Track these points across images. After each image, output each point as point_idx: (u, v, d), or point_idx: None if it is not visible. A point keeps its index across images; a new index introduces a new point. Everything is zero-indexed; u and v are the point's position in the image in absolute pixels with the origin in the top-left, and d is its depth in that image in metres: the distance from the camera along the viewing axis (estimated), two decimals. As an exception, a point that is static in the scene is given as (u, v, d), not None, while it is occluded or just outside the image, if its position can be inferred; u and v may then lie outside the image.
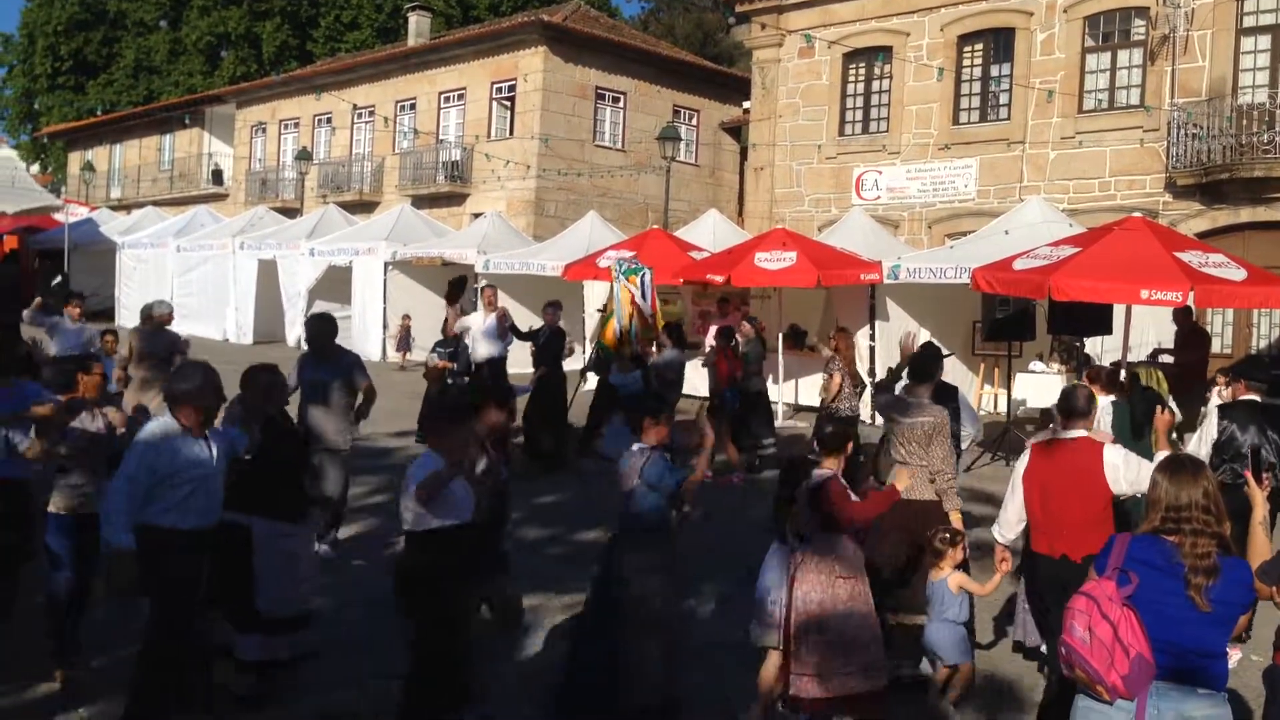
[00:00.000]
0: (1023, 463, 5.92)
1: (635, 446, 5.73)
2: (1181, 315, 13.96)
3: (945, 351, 9.91)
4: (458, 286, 13.42)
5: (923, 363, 7.40)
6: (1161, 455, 5.97)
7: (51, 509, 6.18)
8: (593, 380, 14.48)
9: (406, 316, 23.29)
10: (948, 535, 6.30)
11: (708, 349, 17.58)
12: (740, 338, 13.72)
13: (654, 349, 13.26)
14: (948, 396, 8.87)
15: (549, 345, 13.43)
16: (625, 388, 12.48)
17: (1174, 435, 9.25)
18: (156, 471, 5.22)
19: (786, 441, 14.68)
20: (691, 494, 5.77)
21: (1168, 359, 13.33)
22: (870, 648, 5.42)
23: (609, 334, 13.25)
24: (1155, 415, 6.91)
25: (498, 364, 13.30)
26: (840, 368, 12.16)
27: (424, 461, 5.36)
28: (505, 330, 13.38)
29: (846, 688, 5.34)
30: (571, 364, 15.07)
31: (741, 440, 13.13)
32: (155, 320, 11.22)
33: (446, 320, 13.45)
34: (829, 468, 5.73)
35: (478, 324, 13.30)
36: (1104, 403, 8.46)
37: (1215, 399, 11.27)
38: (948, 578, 6.18)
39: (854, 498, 5.66)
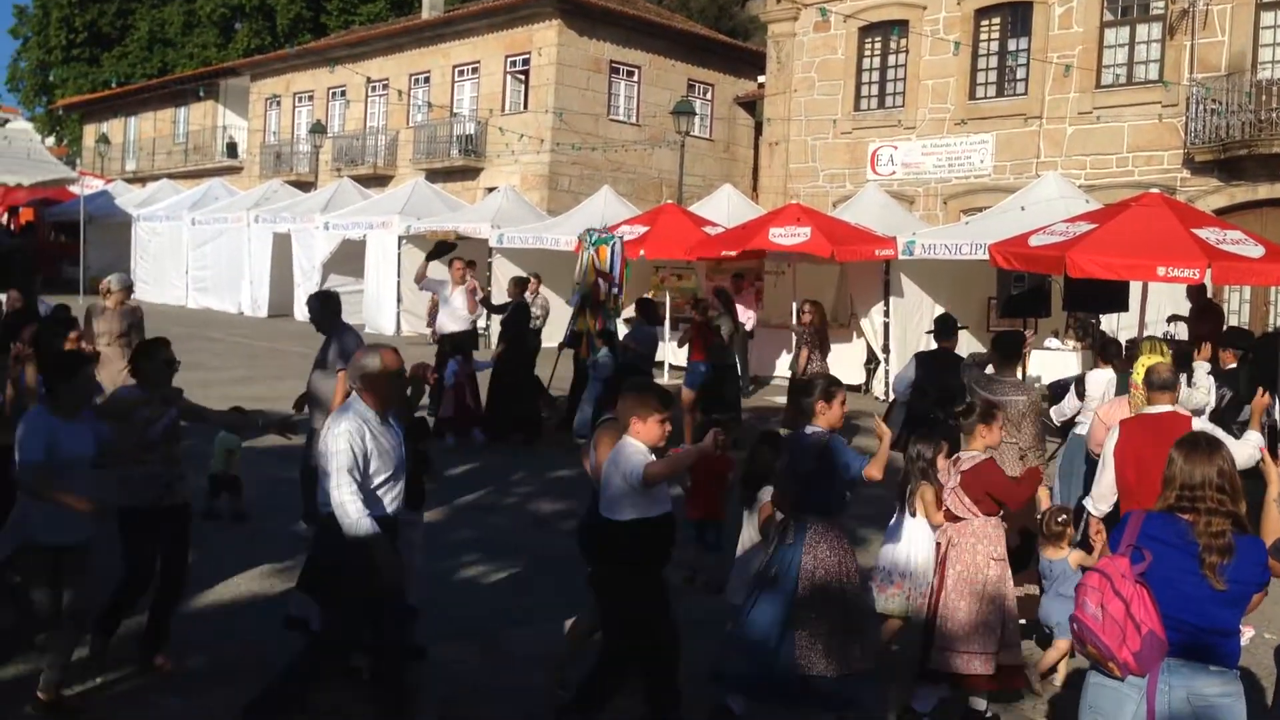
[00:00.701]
0: (1113, 438, 6.15)
1: (808, 429, 5.61)
2: (1195, 291, 13.89)
3: (960, 324, 10.05)
4: (442, 250, 13.03)
5: (1011, 343, 7.68)
6: (1252, 435, 6.41)
7: (125, 503, 5.82)
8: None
9: (435, 294, 23.32)
10: (1063, 516, 6.51)
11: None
12: (712, 311, 13.86)
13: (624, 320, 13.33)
14: (955, 367, 9.00)
15: (511, 320, 13.23)
16: (598, 366, 12.42)
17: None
18: (366, 457, 5.05)
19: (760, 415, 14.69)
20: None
21: (1180, 325, 13.34)
22: (1009, 625, 5.64)
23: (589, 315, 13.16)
24: (1255, 396, 7.12)
25: (464, 339, 13.00)
26: (808, 339, 12.77)
27: (626, 449, 5.20)
28: (476, 304, 13.16)
29: (990, 665, 5.55)
30: (551, 338, 15.04)
31: (713, 413, 13.12)
32: (117, 295, 10.84)
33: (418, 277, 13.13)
34: (977, 448, 5.83)
35: (445, 294, 13.06)
36: (1109, 375, 8.76)
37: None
38: (1068, 555, 6.38)
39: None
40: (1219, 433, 5.95)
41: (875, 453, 5.37)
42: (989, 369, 7.93)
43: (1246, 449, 6.77)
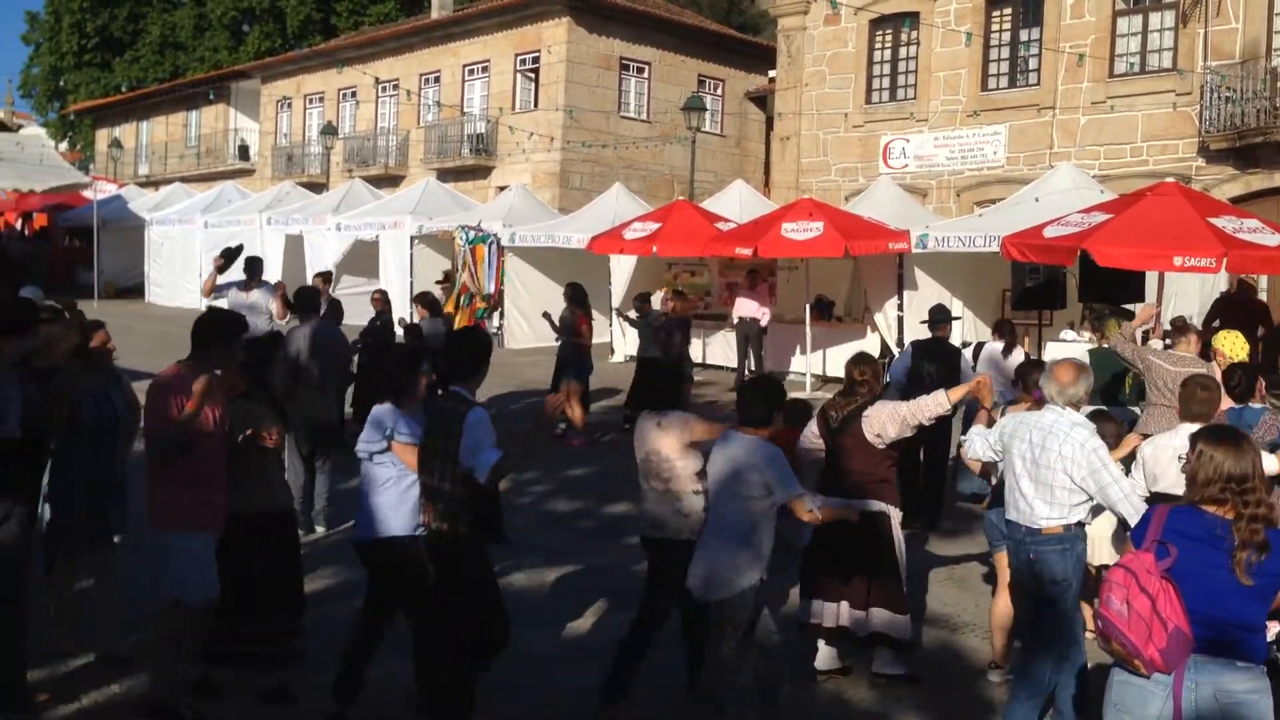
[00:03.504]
0: None
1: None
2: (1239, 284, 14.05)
3: (956, 314, 11.23)
4: (231, 256, 12.10)
5: (1184, 323, 8.33)
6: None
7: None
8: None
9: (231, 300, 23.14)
10: None
11: (736, 320, 17.61)
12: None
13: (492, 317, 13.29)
14: (951, 354, 9.18)
15: (328, 316, 12.64)
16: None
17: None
18: None
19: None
20: None
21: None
22: None
23: (452, 304, 12.96)
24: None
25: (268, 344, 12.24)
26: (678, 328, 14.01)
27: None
28: (285, 309, 12.32)
29: None
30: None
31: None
32: None
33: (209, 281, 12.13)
34: None
35: (241, 299, 12.09)
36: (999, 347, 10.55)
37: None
38: None
39: None
40: None
41: None
42: (1163, 344, 8.72)
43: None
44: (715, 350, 19.17)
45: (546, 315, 14.02)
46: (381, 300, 13.42)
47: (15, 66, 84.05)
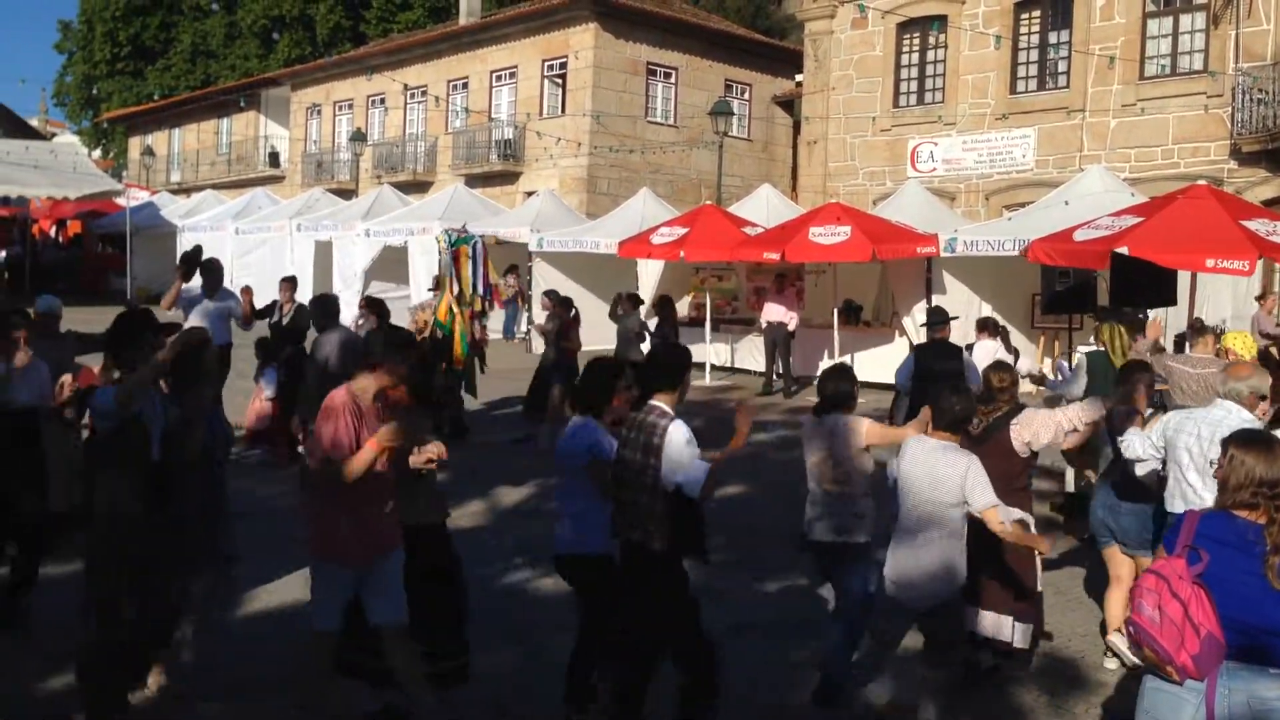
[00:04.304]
0: None
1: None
2: None
3: (953, 315, 11.30)
4: (192, 260, 11.42)
5: (1202, 325, 8.43)
6: None
7: None
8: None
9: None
10: None
11: (764, 324, 17.58)
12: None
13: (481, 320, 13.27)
14: (954, 355, 9.17)
15: (295, 322, 12.13)
16: None
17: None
18: None
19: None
20: None
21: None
22: None
23: (443, 309, 12.93)
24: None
25: (274, 346, 11.87)
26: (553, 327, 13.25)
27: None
28: (252, 309, 12.06)
29: None
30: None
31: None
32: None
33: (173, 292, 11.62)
34: None
35: (207, 307, 11.65)
36: (993, 346, 10.91)
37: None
38: None
39: None
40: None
41: None
42: (1188, 349, 8.73)
43: None
44: (743, 354, 19.15)
45: (531, 322, 14.00)
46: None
47: (49, 75, 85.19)
